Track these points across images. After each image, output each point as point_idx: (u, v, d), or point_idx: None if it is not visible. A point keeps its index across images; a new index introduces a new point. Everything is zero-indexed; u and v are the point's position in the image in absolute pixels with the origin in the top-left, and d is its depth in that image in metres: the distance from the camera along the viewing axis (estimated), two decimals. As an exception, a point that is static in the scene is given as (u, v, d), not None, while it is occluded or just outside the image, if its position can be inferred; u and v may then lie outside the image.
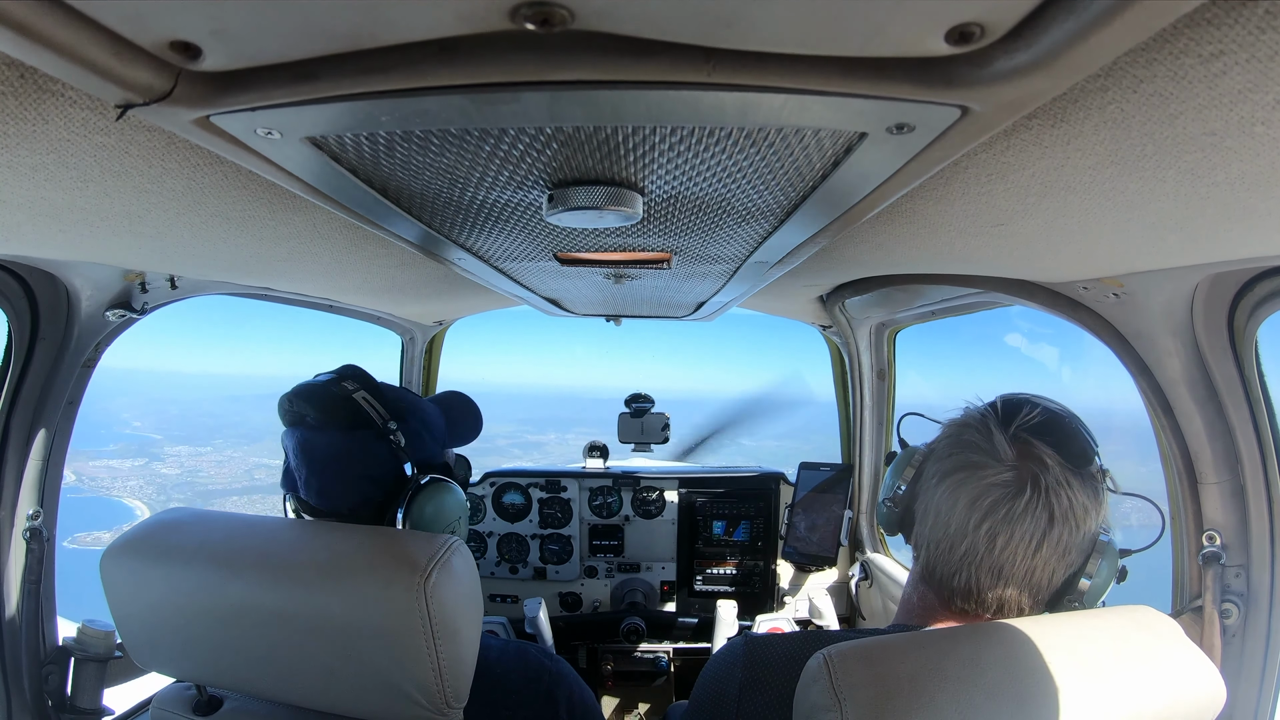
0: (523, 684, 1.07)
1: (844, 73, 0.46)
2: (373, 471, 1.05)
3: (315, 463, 1.03)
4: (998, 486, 0.85)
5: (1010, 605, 0.88)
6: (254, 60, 0.46)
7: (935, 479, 0.91)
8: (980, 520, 0.85)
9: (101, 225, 0.94)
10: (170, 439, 49.57)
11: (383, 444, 1.05)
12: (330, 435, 1.03)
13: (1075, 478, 0.85)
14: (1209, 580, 1.27)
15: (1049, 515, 0.84)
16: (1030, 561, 0.85)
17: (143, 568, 0.94)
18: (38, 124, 0.60)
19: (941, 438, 0.95)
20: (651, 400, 2.72)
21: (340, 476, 1.04)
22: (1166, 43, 0.45)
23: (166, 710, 1.02)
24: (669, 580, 2.70)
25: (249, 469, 41.69)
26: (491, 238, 1.03)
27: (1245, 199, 0.71)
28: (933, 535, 0.90)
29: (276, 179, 0.70)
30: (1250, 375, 1.21)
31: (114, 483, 35.68)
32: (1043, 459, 0.85)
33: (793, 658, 0.91)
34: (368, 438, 1.04)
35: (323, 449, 1.03)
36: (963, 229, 0.99)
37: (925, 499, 0.93)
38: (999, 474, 0.85)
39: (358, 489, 1.05)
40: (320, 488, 1.04)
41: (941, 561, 0.89)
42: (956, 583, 0.89)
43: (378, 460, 1.05)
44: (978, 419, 0.90)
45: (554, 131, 0.59)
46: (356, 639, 0.85)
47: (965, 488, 0.86)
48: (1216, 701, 0.83)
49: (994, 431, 0.87)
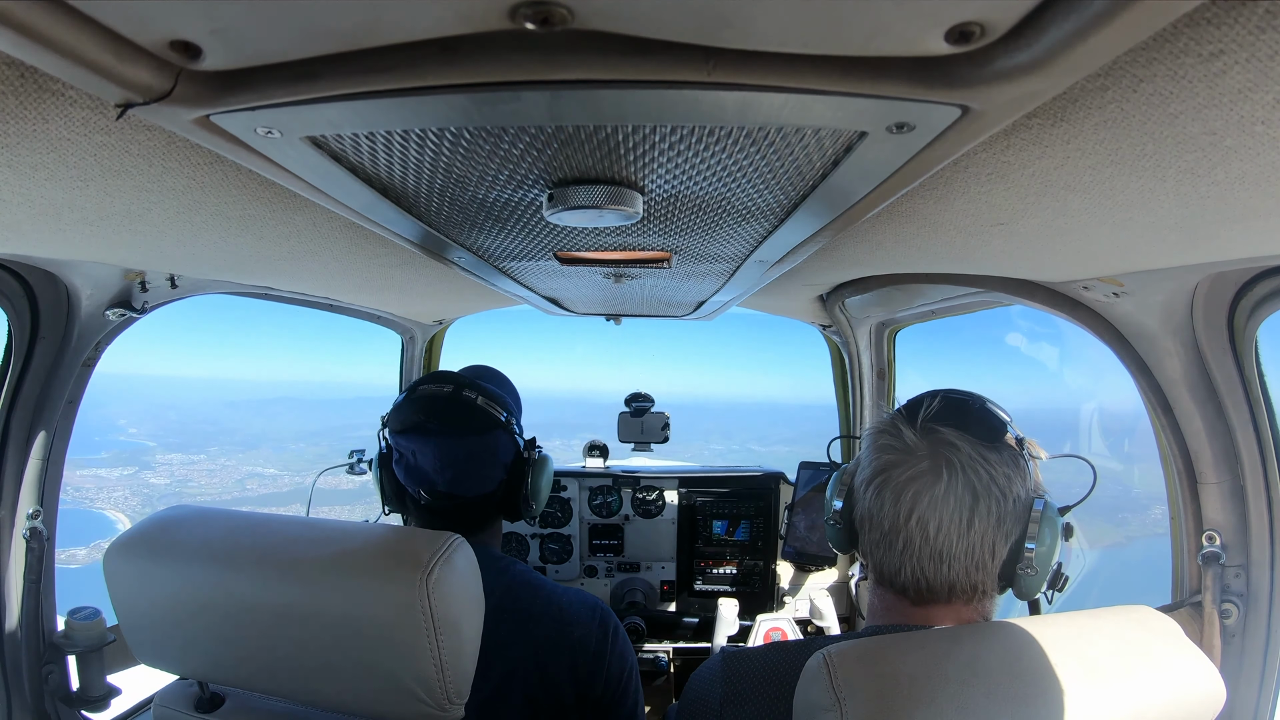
0: (583, 611, 1.26)
1: (844, 72, 0.46)
2: (505, 459, 1.28)
3: (459, 462, 1.23)
4: (917, 477, 0.90)
5: (962, 586, 0.91)
6: (254, 60, 0.46)
7: (864, 486, 0.96)
8: (909, 512, 0.89)
9: (101, 224, 0.94)
10: (164, 446, 48.95)
11: (508, 435, 1.29)
12: (468, 439, 1.24)
13: (991, 452, 0.90)
14: (1209, 580, 1.27)
15: (971, 492, 0.88)
16: (967, 539, 0.89)
17: (145, 565, 0.94)
18: (38, 123, 0.60)
19: (863, 449, 1.00)
20: (651, 400, 2.71)
21: (482, 469, 1.26)
22: (1166, 43, 0.45)
23: (169, 708, 1.03)
24: (669, 580, 2.70)
25: (241, 478, 41.20)
26: (491, 237, 1.03)
27: (1245, 199, 0.71)
28: (873, 538, 0.94)
29: (276, 178, 0.70)
30: (1250, 375, 1.21)
31: (99, 493, 34.98)
32: (952, 442, 0.90)
33: (771, 670, 0.93)
34: (499, 434, 1.27)
35: (463, 449, 1.24)
36: (963, 228, 0.99)
37: (860, 508, 0.97)
38: (916, 465, 0.90)
39: (494, 475, 1.27)
40: (466, 481, 1.24)
41: (886, 561, 0.93)
42: (904, 577, 0.92)
43: (505, 448, 1.28)
44: (888, 422, 0.96)
45: (554, 131, 0.59)
46: (358, 635, 0.85)
47: (889, 486, 0.91)
48: (1216, 701, 0.82)
49: (902, 428, 0.93)
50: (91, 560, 11.12)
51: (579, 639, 1.21)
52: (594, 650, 1.22)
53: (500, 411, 1.28)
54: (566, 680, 1.19)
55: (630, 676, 1.29)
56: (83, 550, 11.07)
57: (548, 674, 1.18)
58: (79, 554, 12.51)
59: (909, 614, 0.95)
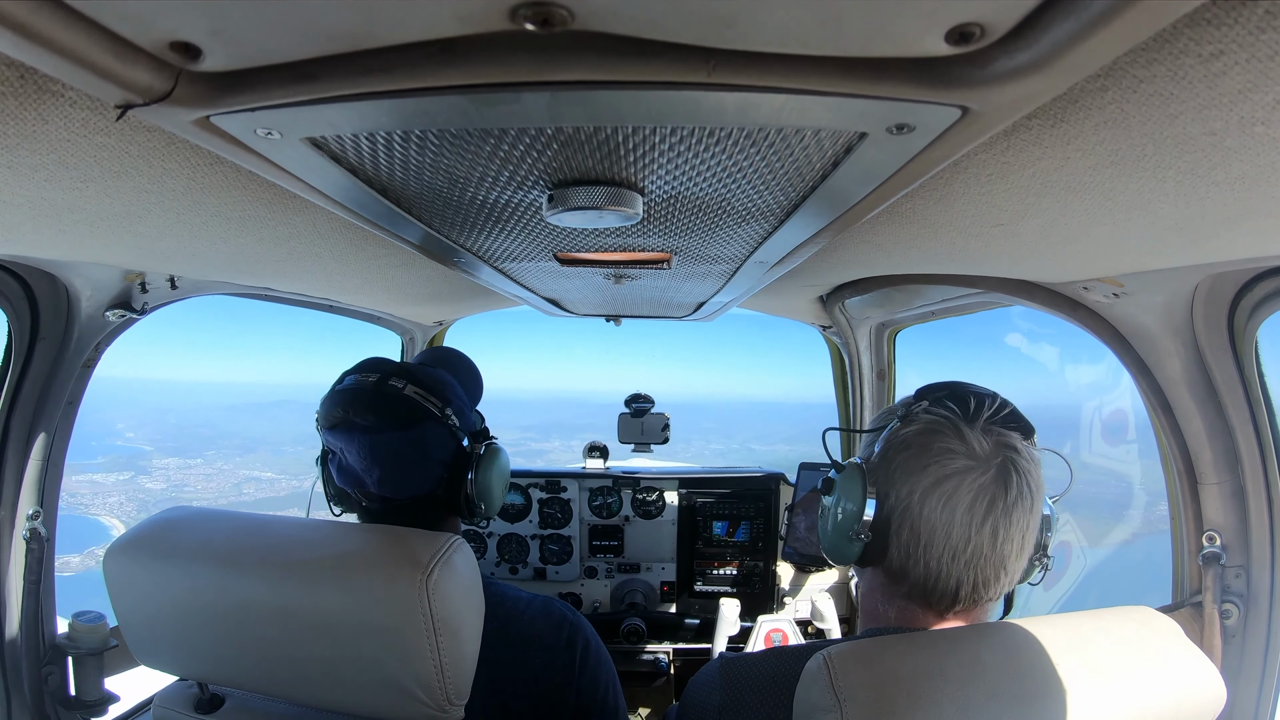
0: (546, 630, 1.14)
1: (844, 73, 0.46)
2: (441, 455, 1.13)
3: (385, 460, 1.09)
4: (989, 485, 0.85)
5: (1001, 590, 0.89)
6: (254, 61, 0.46)
7: (918, 494, 0.87)
8: (982, 521, 0.84)
9: (101, 225, 0.94)
10: (161, 451, 48.29)
11: (443, 428, 1.13)
12: (394, 434, 1.09)
13: (1034, 451, 0.88)
14: (1209, 580, 1.27)
15: (1031, 497, 0.86)
16: (1023, 544, 0.87)
17: (145, 566, 0.94)
18: (38, 124, 0.60)
19: (896, 449, 0.90)
20: (651, 400, 2.71)
21: (413, 467, 1.11)
22: (1166, 43, 0.45)
23: (169, 708, 1.02)
24: (669, 581, 2.70)
25: (237, 483, 40.78)
26: (492, 238, 1.03)
27: (1245, 199, 0.71)
28: (927, 552, 0.87)
29: (276, 179, 0.70)
30: (1250, 375, 1.21)
31: (95, 499, 34.48)
32: (1014, 445, 0.86)
33: (770, 677, 0.91)
34: (430, 427, 1.11)
35: (391, 447, 1.09)
36: (963, 229, 0.99)
37: (903, 517, 0.87)
38: (986, 471, 0.85)
39: (430, 473, 1.13)
40: (396, 481, 1.10)
41: (942, 573, 0.86)
42: (962, 590, 0.86)
43: (441, 444, 1.13)
44: (943, 422, 0.88)
45: (554, 132, 0.59)
46: (358, 636, 0.85)
47: (960, 494, 0.85)
48: (1217, 702, 0.82)
49: (965, 431, 0.86)
50: (86, 567, 10.92)
51: (541, 666, 1.11)
52: (559, 680, 1.11)
53: (434, 402, 1.12)
54: (529, 713, 1.09)
55: (606, 696, 1.17)
56: (77, 558, 10.77)
57: (510, 709, 1.09)
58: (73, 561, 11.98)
59: (927, 620, 0.91)
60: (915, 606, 0.91)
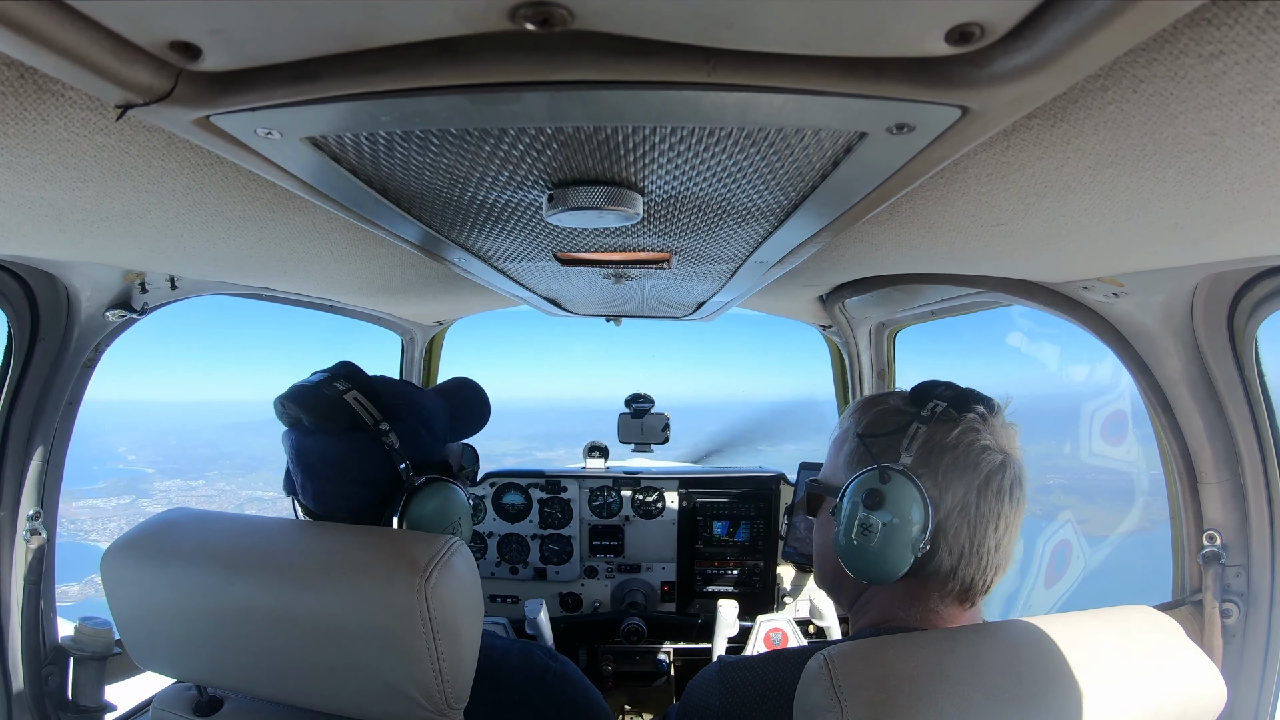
0: (526, 683, 1.06)
1: (844, 73, 0.46)
2: (368, 475, 1.02)
3: (310, 467, 1.02)
4: (1015, 480, 0.90)
5: None
6: (254, 60, 0.46)
7: (973, 493, 0.87)
8: (1009, 509, 0.89)
9: (101, 225, 0.94)
10: (163, 473, 47.45)
11: (377, 446, 1.01)
12: (324, 439, 1.00)
13: None
14: (1209, 580, 1.27)
15: (1022, 481, 0.91)
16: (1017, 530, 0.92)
17: (143, 568, 0.94)
18: (38, 124, 0.60)
19: (940, 451, 0.88)
20: (651, 400, 2.72)
21: (335, 481, 1.02)
22: (1166, 43, 0.45)
23: (167, 711, 1.02)
24: (669, 581, 2.70)
25: (240, 503, 40.12)
26: (491, 238, 1.03)
27: (1245, 199, 0.71)
28: (980, 550, 0.87)
29: (276, 179, 0.70)
30: (1250, 375, 1.21)
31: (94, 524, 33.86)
32: (1015, 437, 0.93)
33: (770, 681, 0.92)
34: (361, 440, 1.00)
35: (317, 453, 1.01)
36: (963, 229, 0.99)
37: (960, 518, 0.87)
38: (1009, 468, 0.90)
39: (354, 493, 1.02)
40: (316, 492, 1.02)
41: (985, 566, 0.89)
42: (993, 579, 0.91)
43: (373, 463, 1.01)
44: (977, 420, 0.90)
45: (554, 131, 0.59)
46: (357, 639, 0.85)
47: (1002, 487, 0.89)
48: (1217, 701, 0.83)
49: (995, 426, 0.91)
50: (85, 596, 10.74)
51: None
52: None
53: (371, 413, 1.00)
54: None
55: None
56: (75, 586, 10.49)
57: None
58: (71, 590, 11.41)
59: (950, 617, 0.92)
60: (949, 605, 0.91)
